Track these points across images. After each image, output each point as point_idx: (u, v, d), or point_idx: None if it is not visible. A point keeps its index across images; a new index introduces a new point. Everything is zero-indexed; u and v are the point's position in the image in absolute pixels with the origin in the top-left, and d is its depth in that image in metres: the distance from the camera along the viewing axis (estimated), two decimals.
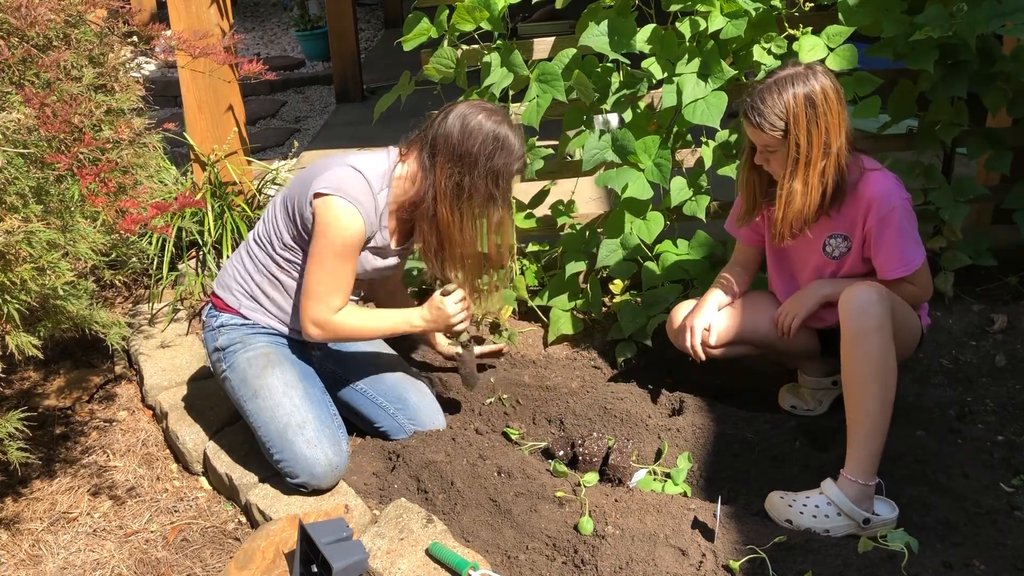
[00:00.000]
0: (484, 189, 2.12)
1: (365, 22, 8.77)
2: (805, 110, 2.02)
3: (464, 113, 2.13)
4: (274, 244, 2.24)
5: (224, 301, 2.31)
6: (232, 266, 2.34)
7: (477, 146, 2.10)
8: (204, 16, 3.26)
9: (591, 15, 2.67)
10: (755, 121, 2.06)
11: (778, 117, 2.03)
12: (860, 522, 1.96)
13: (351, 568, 1.84)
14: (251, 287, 2.29)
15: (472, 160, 2.10)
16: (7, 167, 1.79)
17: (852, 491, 1.97)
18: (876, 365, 1.98)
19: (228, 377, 2.28)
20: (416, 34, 2.71)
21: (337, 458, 2.16)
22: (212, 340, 2.32)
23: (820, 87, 2.03)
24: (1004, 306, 2.89)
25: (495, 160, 2.11)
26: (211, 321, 2.33)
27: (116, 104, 2.13)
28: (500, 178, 2.13)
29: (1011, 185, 2.93)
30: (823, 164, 2.07)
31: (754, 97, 2.07)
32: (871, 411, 1.98)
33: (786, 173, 2.09)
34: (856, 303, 2.01)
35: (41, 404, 2.78)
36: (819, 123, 2.03)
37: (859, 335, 1.99)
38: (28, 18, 1.95)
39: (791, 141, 2.04)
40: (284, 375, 2.23)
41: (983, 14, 2.48)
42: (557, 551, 1.90)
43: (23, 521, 2.31)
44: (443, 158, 2.11)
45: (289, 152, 4.97)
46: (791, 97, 2.02)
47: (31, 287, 1.89)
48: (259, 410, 2.21)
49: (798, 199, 2.08)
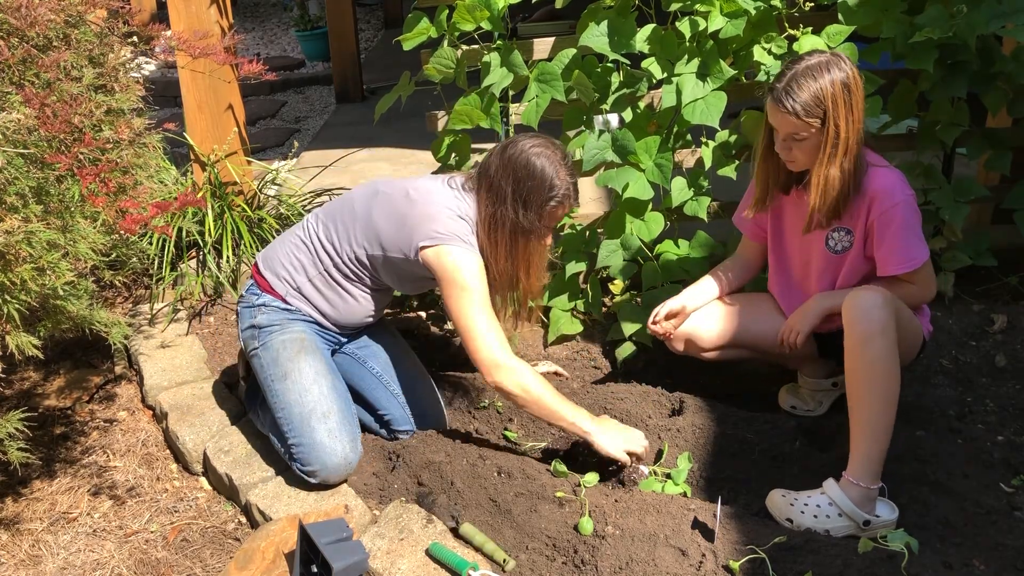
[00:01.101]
0: (513, 219, 2.18)
1: (365, 22, 8.78)
2: (843, 95, 2.02)
3: (504, 146, 2.22)
4: (345, 257, 2.27)
5: (269, 284, 2.34)
6: (284, 254, 2.35)
7: (508, 178, 2.17)
8: (204, 16, 3.26)
9: (591, 15, 2.67)
10: (791, 108, 2.03)
11: (815, 103, 2.02)
12: (860, 523, 1.96)
13: (351, 568, 1.84)
14: (301, 282, 2.32)
15: (503, 193, 2.17)
16: (7, 167, 1.79)
17: (855, 493, 1.97)
18: (880, 369, 1.97)
19: (260, 355, 2.30)
20: (416, 33, 2.71)
21: (353, 454, 2.18)
22: (249, 316, 2.34)
23: (851, 73, 2.04)
24: (1004, 306, 2.89)
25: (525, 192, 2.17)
26: (251, 298, 2.36)
27: (116, 104, 2.13)
28: (529, 208, 2.17)
29: (1011, 185, 2.93)
30: (857, 150, 2.07)
31: (787, 83, 2.04)
32: (874, 415, 1.97)
33: (823, 159, 2.07)
34: (860, 307, 2.00)
35: (41, 404, 2.78)
36: (854, 108, 2.03)
37: (863, 339, 1.98)
38: (28, 18, 1.95)
39: (830, 126, 2.03)
40: (315, 364, 2.27)
41: (983, 15, 2.48)
42: (557, 551, 1.90)
43: (23, 521, 2.31)
44: (484, 190, 2.21)
45: (289, 152, 4.97)
46: (828, 83, 2.02)
47: (31, 287, 1.89)
48: (286, 391, 2.23)
49: (836, 184, 2.08)
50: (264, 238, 3.34)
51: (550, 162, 2.17)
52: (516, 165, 2.17)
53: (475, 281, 2.14)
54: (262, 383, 2.32)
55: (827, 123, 2.03)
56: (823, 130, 2.04)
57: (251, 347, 2.35)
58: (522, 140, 2.21)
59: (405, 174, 4.51)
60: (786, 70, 2.07)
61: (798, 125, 2.06)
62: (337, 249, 2.29)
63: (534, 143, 2.19)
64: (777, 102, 2.06)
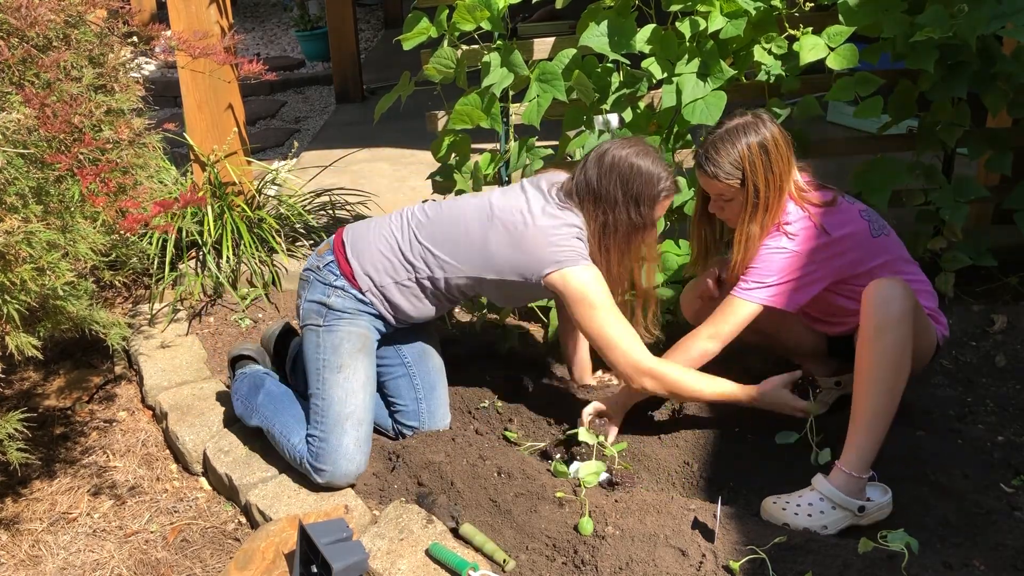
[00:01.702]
0: (627, 220, 2.21)
1: (365, 22, 8.78)
2: (760, 156, 2.10)
3: (599, 155, 2.23)
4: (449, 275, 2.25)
5: (353, 272, 2.29)
6: (378, 252, 2.29)
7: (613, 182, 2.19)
8: (204, 16, 3.26)
9: (591, 15, 2.67)
10: (711, 172, 2.13)
11: (734, 166, 2.11)
12: (856, 511, 1.96)
13: (351, 568, 1.84)
14: (386, 284, 2.28)
15: (612, 198, 2.20)
16: (7, 167, 1.79)
17: (845, 484, 1.97)
18: (892, 360, 1.96)
19: (320, 334, 2.28)
20: (416, 33, 2.71)
21: (363, 467, 2.22)
22: (322, 292, 2.30)
23: (771, 134, 2.11)
24: (1004, 306, 2.89)
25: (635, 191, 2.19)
26: (329, 276, 2.31)
27: (116, 104, 2.13)
28: (641, 204, 2.20)
29: (1011, 185, 2.93)
30: (777, 207, 2.14)
31: (707, 149, 2.14)
32: (878, 406, 1.97)
33: (745, 218, 2.15)
34: (880, 296, 1.99)
35: (41, 404, 2.78)
36: (773, 168, 2.11)
37: (878, 328, 1.97)
38: (28, 18, 1.95)
39: (749, 187, 2.11)
40: (369, 370, 2.30)
41: (983, 15, 2.47)
42: (557, 551, 1.90)
43: (23, 521, 2.31)
44: (589, 202, 2.22)
45: (289, 152, 4.98)
46: (744, 146, 2.10)
47: (31, 287, 1.89)
48: (335, 384, 2.24)
49: (756, 241, 2.16)
50: (264, 238, 3.34)
51: (651, 159, 2.20)
52: (621, 169, 2.19)
53: (603, 296, 2.17)
54: (311, 362, 2.29)
55: (746, 184, 2.11)
56: (743, 190, 2.12)
57: (313, 321, 2.31)
58: (614, 147, 2.23)
59: (405, 174, 4.51)
60: (708, 134, 2.17)
61: (720, 188, 2.15)
62: (441, 265, 2.25)
63: (627, 145, 2.23)
64: (699, 167, 2.17)
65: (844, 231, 2.15)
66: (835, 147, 3.27)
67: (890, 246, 2.21)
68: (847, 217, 2.17)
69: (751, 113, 2.15)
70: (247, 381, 2.46)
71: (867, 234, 2.18)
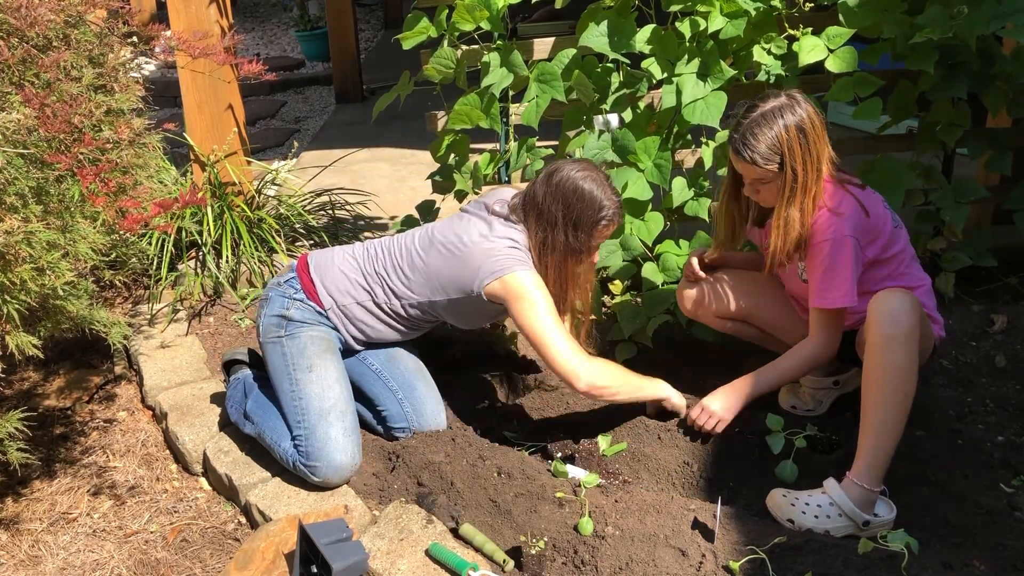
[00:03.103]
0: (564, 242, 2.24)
1: (365, 22, 8.78)
2: (798, 139, 2.05)
3: (550, 172, 2.28)
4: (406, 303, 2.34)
5: (316, 292, 2.38)
6: (340, 275, 2.39)
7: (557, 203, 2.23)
8: (204, 16, 3.26)
9: (591, 15, 2.68)
10: (748, 157, 2.07)
11: (772, 150, 2.06)
12: (860, 524, 1.96)
13: (351, 568, 1.84)
14: (348, 304, 2.38)
15: (553, 218, 2.24)
16: (7, 167, 1.79)
17: (857, 495, 1.97)
18: (901, 374, 1.96)
19: (284, 343, 2.33)
20: (416, 33, 2.72)
21: (357, 458, 2.22)
22: (280, 306, 2.37)
23: (807, 114, 2.06)
24: (1004, 306, 2.89)
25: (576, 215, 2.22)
26: (289, 290, 2.39)
27: (116, 104, 2.13)
28: (579, 230, 2.24)
29: (1011, 185, 2.93)
30: (816, 189, 2.10)
31: (743, 133, 2.08)
32: (887, 419, 1.97)
33: (783, 201, 2.11)
34: (889, 309, 1.98)
35: (41, 404, 2.78)
36: (811, 150, 2.07)
37: (887, 341, 1.96)
38: (28, 18, 1.95)
39: (787, 171, 2.07)
40: (339, 366, 2.34)
41: (983, 15, 2.48)
42: (557, 551, 1.90)
43: (23, 521, 2.31)
44: (532, 217, 2.27)
45: (289, 152, 4.98)
46: (782, 129, 2.05)
47: (31, 287, 1.89)
48: (309, 382, 2.27)
49: (796, 226, 2.11)
50: (264, 238, 3.34)
51: (597, 184, 2.23)
52: (565, 190, 2.23)
53: (540, 293, 2.21)
54: (279, 372, 2.32)
55: (784, 168, 2.07)
56: (782, 174, 2.08)
57: (274, 334, 2.36)
58: (566, 166, 2.27)
59: (405, 174, 4.51)
60: (743, 117, 2.10)
61: (758, 172, 2.10)
62: (397, 294, 2.34)
63: (579, 167, 2.26)
64: (736, 152, 2.11)
65: (878, 212, 2.14)
66: (835, 147, 3.26)
67: (903, 239, 2.22)
68: (877, 200, 2.18)
69: (785, 94, 2.09)
70: (240, 387, 2.47)
71: (890, 224, 2.18)
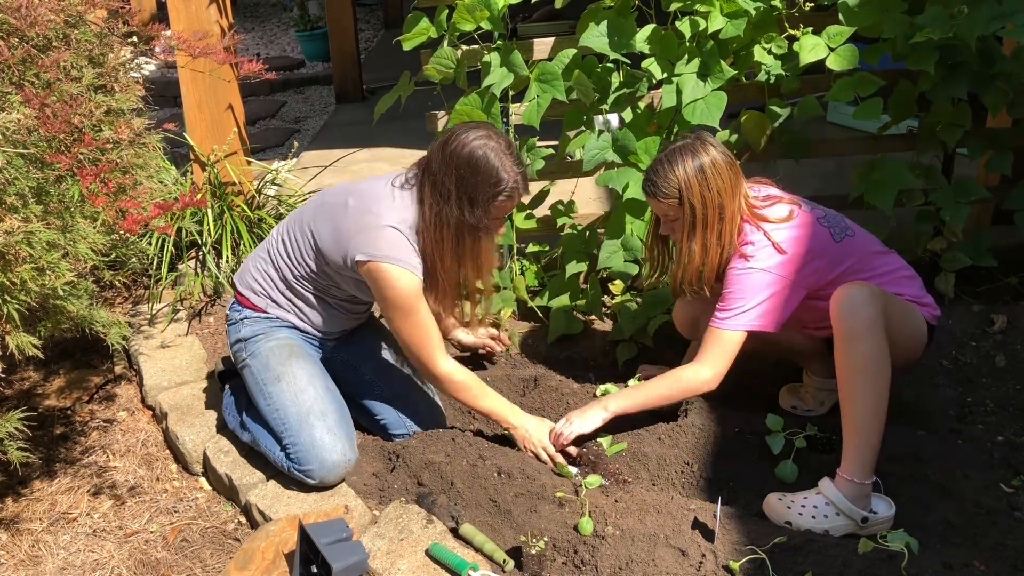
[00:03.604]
0: (458, 217, 2.09)
1: (365, 22, 8.77)
2: (697, 177, 2.12)
3: (445, 140, 2.10)
4: (302, 269, 2.26)
5: (248, 300, 2.35)
6: (255, 270, 2.36)
7: (451, 174, 2.07)
8: (204, 16, 3.26)
9: (591, 15, 2.67)
10: (650, 191, 2.18)
11: (671, 186, 2.14)
12: (859, 521, 1.96)
13: (351, 568, 1.84)
14: (275, 296, 2.33)
15: (447, 190, 2.08)
16: (7, 167, 1.79)
17: (850, 490, 1.97)
18: (867, 364, 1.98)
19: (249, 364, 2.31)
20: (416, 33, 2.71)
21: (350, 453, 2.19)
22: (235, 332, 2.36)
23: (711, 158, 2.14)
24: (1004, 306, 2.89)
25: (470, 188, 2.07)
26: (234, 315, 2.38)
27: (116, 104, 2.13)
28: (475, 205, 2.08)
29: (1011, 186, 2.93)
30: (719, 227, 2.16)
31: (651, 170, 2.18)
32: (864, 411, 1.98)
33: (683, 236, 2.19)
34: (846, 303, 2.01)
35: (41, 404, 2.78)
36: (711, 188, 2.13)
37: (850, 336, 1.99)
38: (28, 18, 1.95)
39: (685, 206, 2.14)
40: (308, 367, 2.28)
41: (983, 15, 2.48)
42: (557, 551, 1.90)
43: (23, 521, 2.30)
44: (428, 189, 2.11)
45: (289, 152, 4.97)
46: (681, 168, 2.13)
47: (31, 287, 1.89)
48: (280, 393, 2.23)
49: (696, 258, 2.18)
50: (263, 238, 3.34)
51: (495, 153, 2.05)
52: (459, 160, 2.05)
53: (409, 302, 2.12)
54: (254, 391, 2.30)
55: (683, 203, 2.14)
56: (682, 208, 2.15)
57: (241, 360, 2.35)
58: (462, 132, 2.08)
59: None
60: (656, 158, 2.20)
61: (662, 207, 2.19)
62: (297, 263, 2.27)
63: (476, 134, 2.07)
64: (643, 188, 2.22)
65: (802, 247, 2.16)
66: (835, 147, 3.27)
67: (855, 246, 2.22)
68: (805, 230, 2.18)
69: (696, 136, 2.18)
70: (234, 396, 2.47)
71: (829, 241, 2.19)
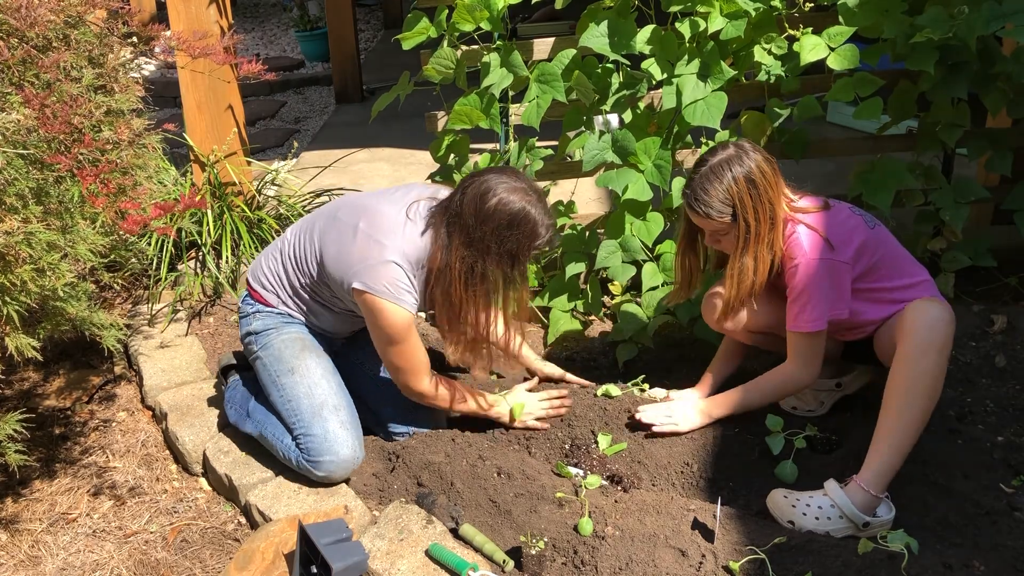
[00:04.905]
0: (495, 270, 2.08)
1: (365, 23, 8.77)
2: (748, 190, 2.06)
3: (481, 192, 2.06)
4: (307, 278, 2.28)
5: (260, 295, 2.38)
6: (268, 267, 2.38)
7: (491, 231, 2.04)
8: (203, 16, 3.26)
9: (591, 16, 2.67)
10: (702, 212, 2.09)
11: (724, 203, 2.07)
12: (860, 525, 1.96)
13: (351, 569, 1.84)
14: (284, 297, 2.35)
15: (485, 246, 2.06)
16: (7, 168, 1.79)
17: (861, 499, 1.96)
18: (929, 384, 1.97)
19: (261, 356, 2.34)
20: (416, 33, 2.72)
21: (359, 451, 2.22)
22: (246, 324, 2.39)
23: (755, 164, 2.07)
24: (1004, 307, 2.89)
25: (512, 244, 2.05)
26: (246, 308, 2.40)
27: (116, 105, 2.13)
28: (517, 262, 2.08)
29: (1011, 186, 2.93)
30: (771, 236, 2.11)
31: (695, 188, 2.09)
32: (904, 426, 1.97)
33: (737, 251, 2.12)
34: (927, 318, 1.99)
35: (41, 405, 2.78)
36: (763, 199, 2.08)
37: (921, 350, 1.97)
38: (28, 19, 1.95)
39: (740, 222, 2.08)
40: (322, 362, 2.32)
41: (983, 16, 2.48)
42: (557, 552, 1.90)
43: (23, 521, 2.30)
44: (458, 240, 2.08)
45: (289, 153, 4.98)
46: (731, 181, 2.06)
47: (31, 288, 1.89)
48: (295, 384, 2.26)
49: (749, 273, 2.13)
50: (264, 238, 3.34)
51: (534, 208, 2.05)
52: (499, 216, 2.03)
53: (400, 335, 2.14)
54: (266, 382, 2.33)
55: (737, 219, 2.08)
56: (736, 224, 2.09)
57: (252, 353, 2.38)
58: (496, 185, 2.05)
59: (405, 174, 4.51)
60: (694, 172, 2.12)
61: (714, 225, 2.12)
62: (302, 272, 2.29)
63: (509, 186, 2.05)
64: (690, 207, 2.13)
65: (846, 232, 2.13)
66: (835, 147, 3.27)
67: (884, 235, 2.21)
68: (844, 215, 2.17)
69: (732, 144, 2.11)
70: (240, 389, 2.47)
71: (864, 227, 2.17)
